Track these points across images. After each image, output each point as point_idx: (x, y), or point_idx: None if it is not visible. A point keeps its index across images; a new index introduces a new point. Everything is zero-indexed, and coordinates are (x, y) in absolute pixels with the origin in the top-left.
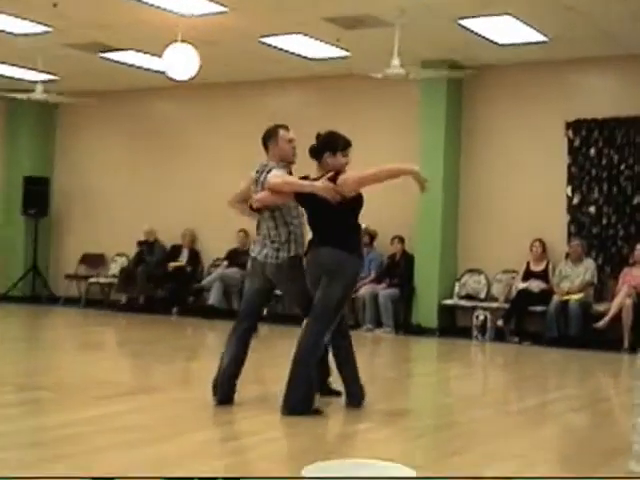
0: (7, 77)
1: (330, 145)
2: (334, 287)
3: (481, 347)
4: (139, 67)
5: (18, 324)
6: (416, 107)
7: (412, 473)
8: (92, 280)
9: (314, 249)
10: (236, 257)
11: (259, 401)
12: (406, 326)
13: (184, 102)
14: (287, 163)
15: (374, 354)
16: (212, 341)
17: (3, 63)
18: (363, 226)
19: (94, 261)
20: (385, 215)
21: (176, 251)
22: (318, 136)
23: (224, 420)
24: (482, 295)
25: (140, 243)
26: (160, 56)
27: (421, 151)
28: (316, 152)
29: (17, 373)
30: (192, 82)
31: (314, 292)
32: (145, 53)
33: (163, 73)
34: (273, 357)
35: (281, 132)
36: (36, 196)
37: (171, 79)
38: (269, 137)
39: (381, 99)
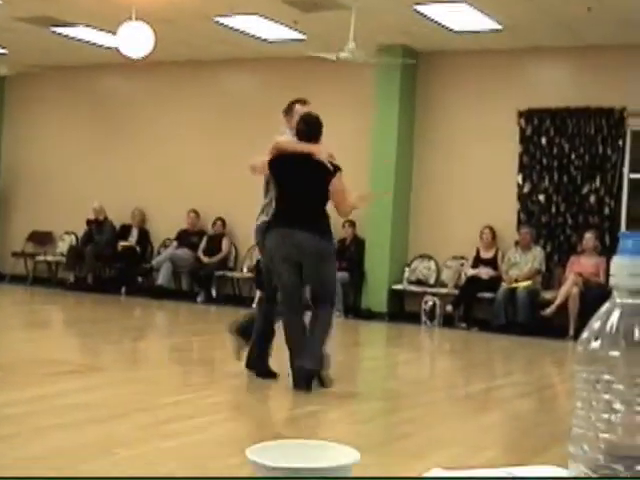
0: None
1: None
2: (330, 270)
3: (429, 332)
4: (91, 43)
5: None
6: (370, 90)
7: (357, 455)
8: (39, 258)
9: (292, 230)
10: (186, 237)
11: (206, 382)
12: (355, 310)
13: (137, 79)
14: None
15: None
16: (160, 321)
17: None
18: None
19: (42, 239)
20: None
21: (125, 230)
22: (308, 120)
23: (170, 401)
24: (432, 281)
25: (89, 222)
26: (113, 32)
27: (374, 134)
28: (318, 133)
29: None
30: (146, 60)
31: (282, 268)
32: (98, 29)
33: (116, 50)
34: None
35: (297, 106)
36: None
37: (124, 56)
38: (288, 110)
39: (336, 81)
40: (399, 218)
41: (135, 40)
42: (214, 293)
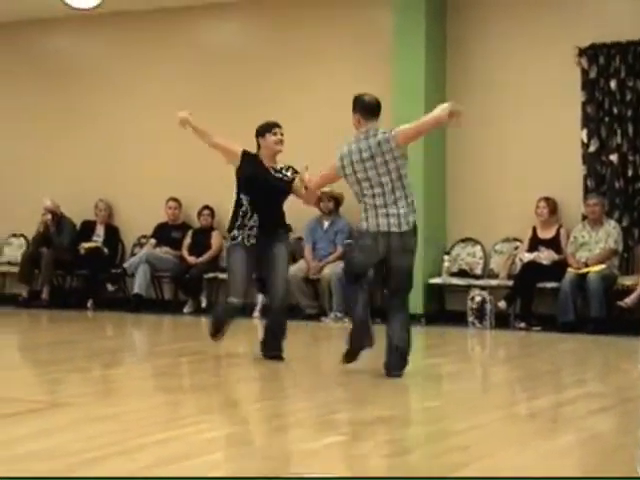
0: None
1: None
2: None
3: (479, 336)
4: None
5: None
6: (389, 36)
7: None
8: None
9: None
10: (166, 233)
11: (201, 414)
12: (383, 313)
13: (91, 37)
14: None
15: (343, 349)
16: (139, 340)
17: None
18: (326, 188)
19: None
20: None
21: (88, 228)
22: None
23: (155, 440)
24: (478, 271)
25: (52, 217)
26: None
27: (395, 93)
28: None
29: None
30: (101, 11)
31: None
32: None
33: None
34: (219, 359)
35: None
36: None
37: (72, 8)
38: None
39: (344, 27)
40: (433, 194)
41: None
42: (204, 301)
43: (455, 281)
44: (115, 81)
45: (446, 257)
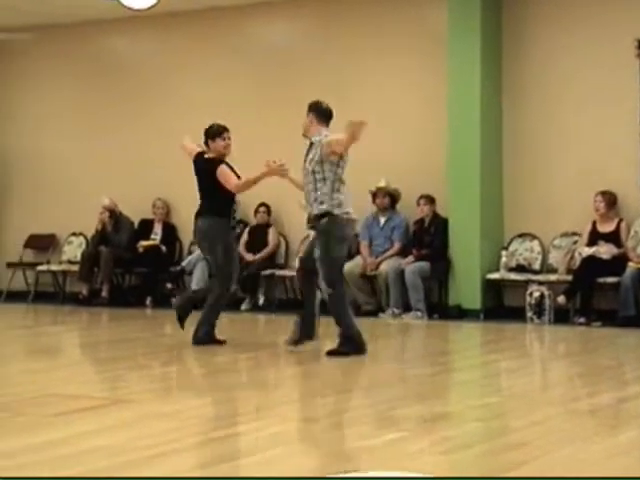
0: None
1: None
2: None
3: (538, 331)
4: None
5: None
6: (443, 32)
7: None
8: (42, 268)
9: None
10: None
11: (260, 410)
12: (442, 309)
13: (146, 37)
14: None
15: (402, 345)
16: None
17: None
18: (382, 184)
19: (43, 244)
20: (409, 169)
21: (146, 227)
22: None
23: (217, 436)
24: (537, 266)
25: (110, 216)
26: None
27: (451, 85)
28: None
29: None
30: (154, 12)
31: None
32: None
33: (116, 0)
34: (278, 355)
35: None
36: None
37: (127, 9)
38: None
39: (397, 25)
40: (490, 189)
41: None
42: (262, 298)
43: (513, 276)
44: (171, 80)
45: (504, 252)
